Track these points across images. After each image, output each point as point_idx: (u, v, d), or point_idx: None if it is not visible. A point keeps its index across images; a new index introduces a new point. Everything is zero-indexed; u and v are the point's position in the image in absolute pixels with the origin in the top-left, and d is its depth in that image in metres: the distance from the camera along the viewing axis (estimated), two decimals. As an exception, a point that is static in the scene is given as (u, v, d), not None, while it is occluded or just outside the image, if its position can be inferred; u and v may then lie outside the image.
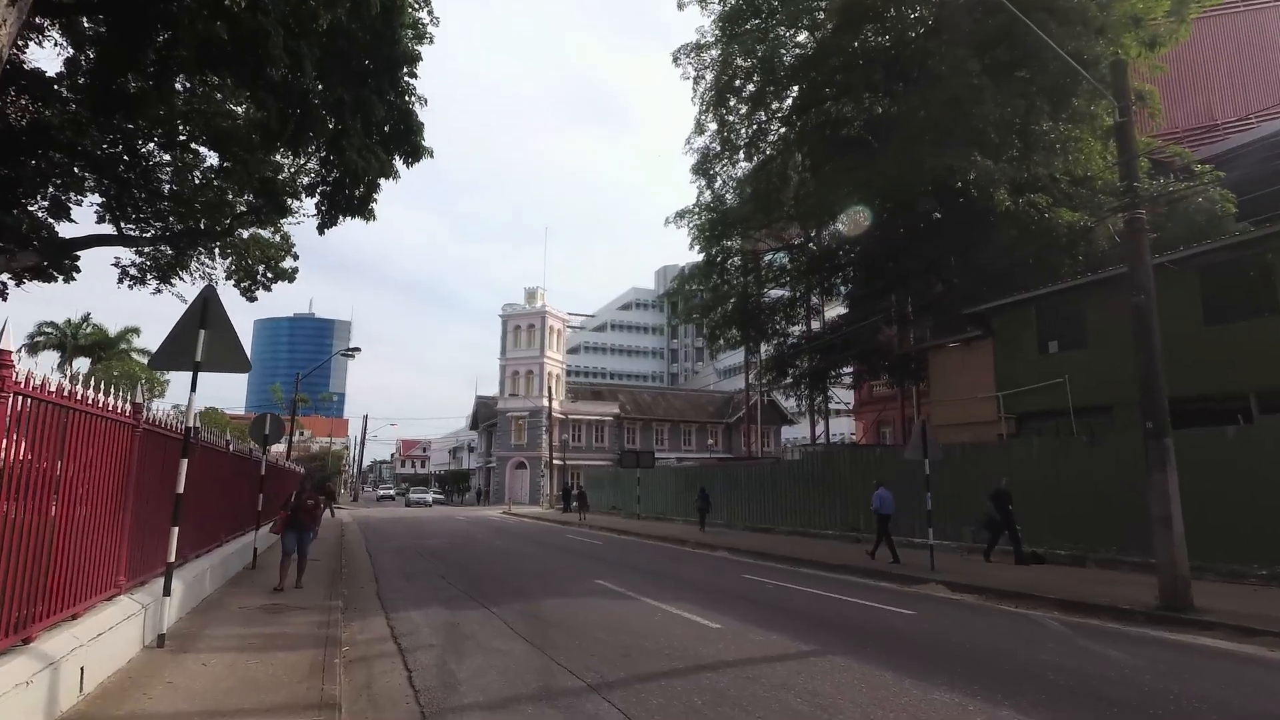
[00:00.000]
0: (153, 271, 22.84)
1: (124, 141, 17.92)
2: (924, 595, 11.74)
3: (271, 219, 22.76)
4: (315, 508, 10.93)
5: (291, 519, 10.62)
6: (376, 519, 34.91)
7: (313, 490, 11.24)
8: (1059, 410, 17.03)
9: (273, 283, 25.00)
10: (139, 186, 19.05)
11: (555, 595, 10.79)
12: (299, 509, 10.65)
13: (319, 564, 14.22)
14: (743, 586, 12.11)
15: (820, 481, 22.77)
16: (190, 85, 17.84)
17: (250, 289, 24.68)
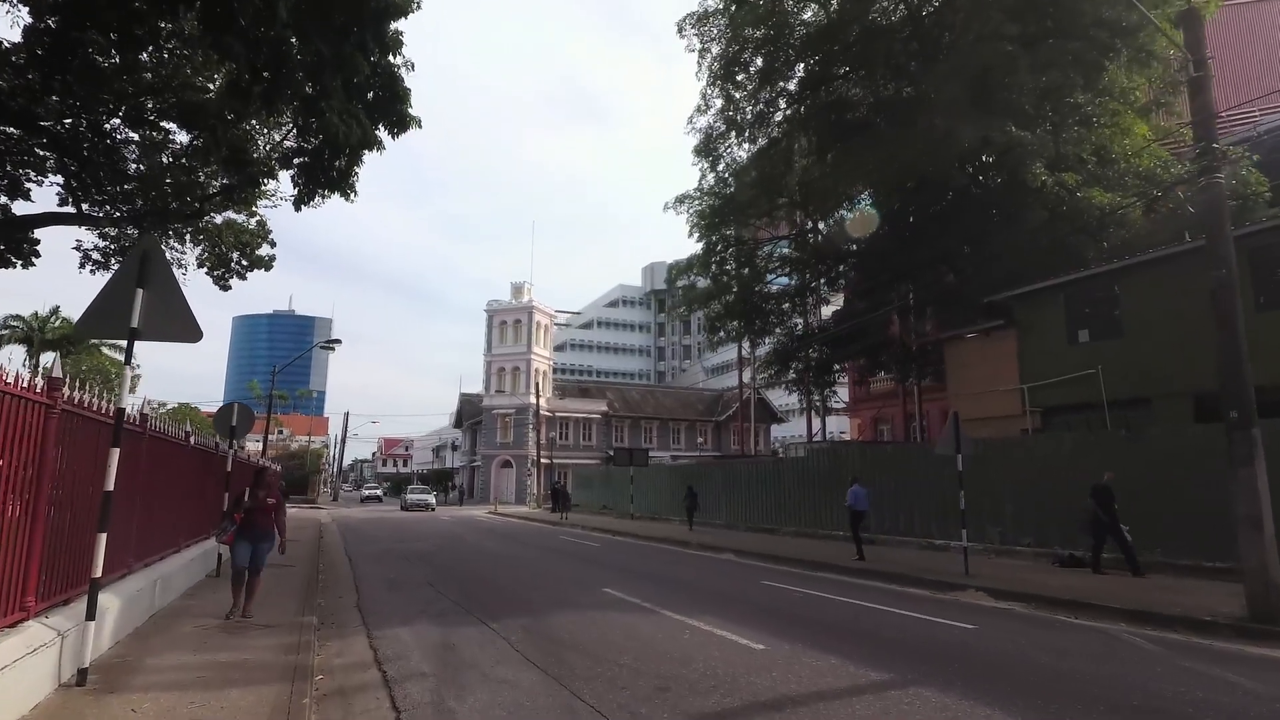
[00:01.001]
0: (117, 255, 21.34)
1: (87, 117, 16.49)
2: (968, 605, 10.60)
3: (244, 199, 21.33)
4: (277, 509, 8.65)
5: (245, 525, 8.33)
6: (357, 519, 33.38)
7: (271, 485, 8.78)
8: (1090, 403, 16.01)
9: (248, 270, 23.61)
10: (103, 166, 17.61)
11: (562, 607, 9.52)
12: (255, 511, 8.40)
13: (293, 570, 12.86)
14: (767, 595, 10.90)
15: (827, 480, 21.63)
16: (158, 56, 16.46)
17: (224, 277, 23.28)
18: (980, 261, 19.68)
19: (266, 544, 8.50)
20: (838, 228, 24.60)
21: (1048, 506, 15.06)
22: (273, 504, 8.59)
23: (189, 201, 20.03)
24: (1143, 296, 15.13)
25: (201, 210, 20.71)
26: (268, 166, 19.78)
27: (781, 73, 21.77)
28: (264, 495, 8.52)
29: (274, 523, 8.59)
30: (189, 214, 20.43)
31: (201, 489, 11.60)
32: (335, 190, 17.25)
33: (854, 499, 15.81)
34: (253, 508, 8.40)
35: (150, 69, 16.82)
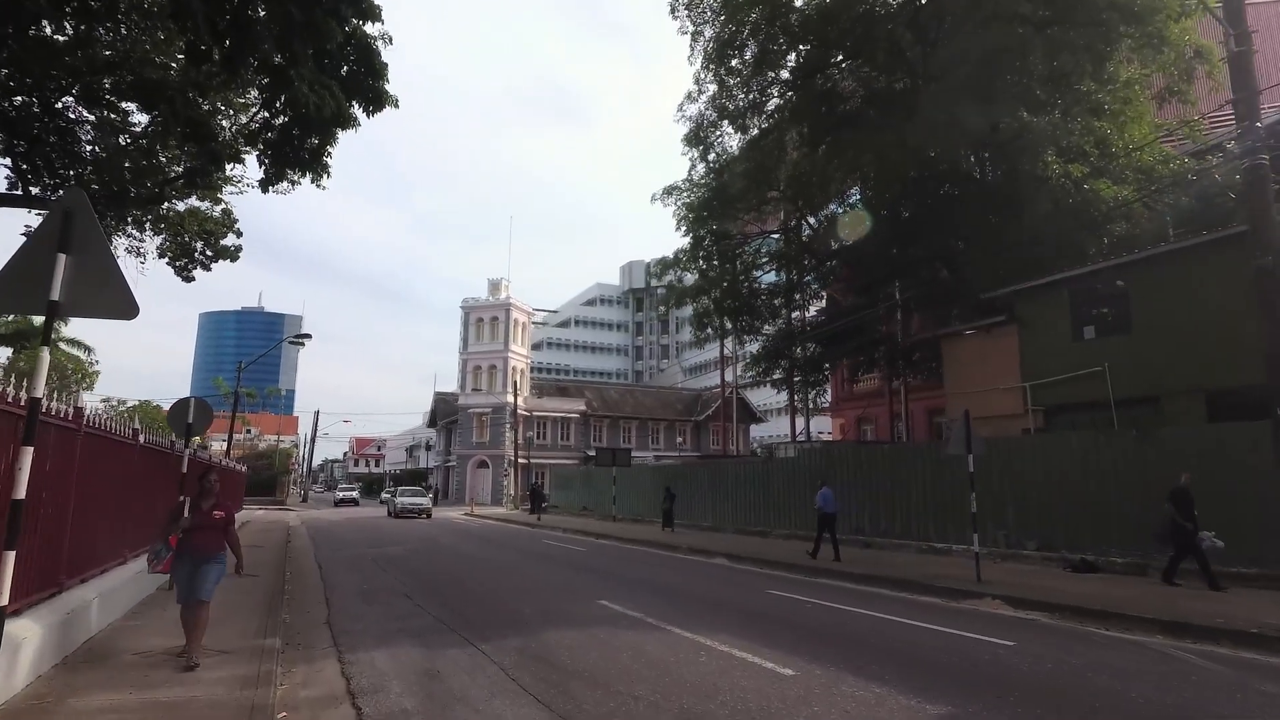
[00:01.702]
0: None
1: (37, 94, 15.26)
2: (989, 615, 9.92)
3: (208, 183, 20.07)
4: (225, 522, 6.68)
5: (184, 547, 6.43)
6: (327, 522, 32.05)
7: (220, 495, 6.79)
8: (1096, 402, 15.49)
9: (213, 261, 22.34)
10: (55, 147, 16.36)
11: (557, 624, 8.62)
12: (199, 529, 6.45)
13: (257, 580, 11.78)
14: (779, 607, 10.10)
15: (818, 482, 20.94)
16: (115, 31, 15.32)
17: (187, 267, 21.97)
18: (977, 258, 19.14)
19: (215, 567, 6.54)
20: (829, 223, 23.98)
21: (1053, 509, 14.51)
22: (221, 518, 6.61)
23: (148, 186, 18.76)
24: (1153, 292, 14.64)
25: (161, 195, 19.43)
26: (233, 149, 18.63)
27: (775, 60, 21.06)
28: (209, 508, 6.56)
29: (224, 542, 6.68)
30: (148, 198, 19.14)
31: (153, 493, 10.50)
32: (306, 172, 16.17)
33: (823, 501, 15.80)
34: (198, 524, 6.44)
35: (108, 44, 15.62)
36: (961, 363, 18.88)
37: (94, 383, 49.35)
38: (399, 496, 38.12)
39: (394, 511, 35.15)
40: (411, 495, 37.52)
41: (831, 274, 25.35)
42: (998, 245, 18.23)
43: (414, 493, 39.96)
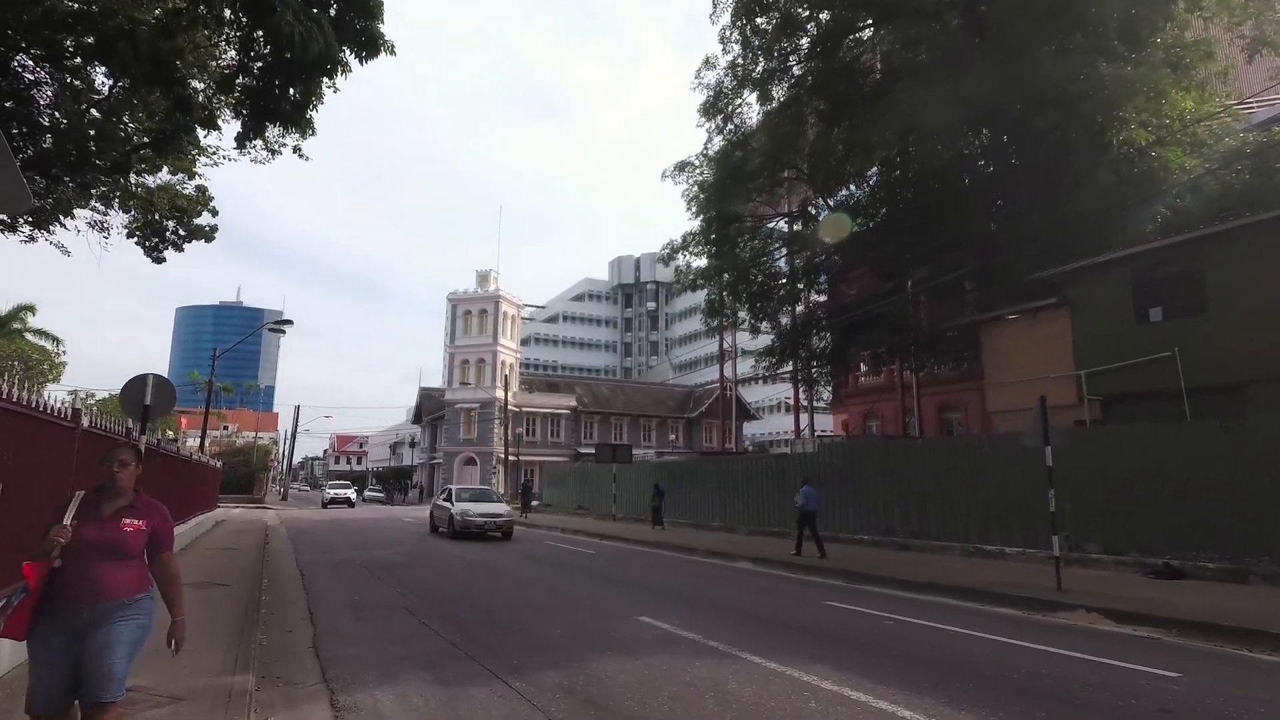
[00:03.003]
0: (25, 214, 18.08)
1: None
2: (1095, 632, 8.48)
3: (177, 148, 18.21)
4: (142, 541, 3.65)
5: (57, 585, 3.39)
6: (309, 522, 30.10)
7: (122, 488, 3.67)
8: (1162, 391, 14.11)
9: (185, 241, 20.54)
10: (12, 114, 14.56)
11: (600, 650, 7.00)
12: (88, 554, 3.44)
13: (228, 591, 10.06)
14: (855, 625, 8.55)
15: (841, 478, 19.51)
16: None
17: (158, 247, 20.17)
18: (1012, 239, 17.74)
19: (125, 626, 3.52)
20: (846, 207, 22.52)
21: (1117, 508, 13.13)
22: (135, 533, 3.58)
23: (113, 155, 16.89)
24: (1234, 268, 13.27)
25: (127, 163, 17.57)
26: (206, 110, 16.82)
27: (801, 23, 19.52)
28: (114, 514, 3.58)
29: (141, 578, 3.67)
30: (112, 167, 17.26)
31: (102, 488, 8.74)
32: (289, 126, 14.37)
33: (805, 499, 15.70)
34: (80, 550, 3.42)
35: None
36: (1003, 350, 17.47)
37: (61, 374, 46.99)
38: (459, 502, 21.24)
39: (458, 527, 20.06)
40: (474, 500, 21.77)
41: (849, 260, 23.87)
42: (1040, 224, 16.83)
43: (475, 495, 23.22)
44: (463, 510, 20.34)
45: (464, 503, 21.06)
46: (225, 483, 42.11)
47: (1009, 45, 14.10)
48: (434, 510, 23.07)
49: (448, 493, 22.56)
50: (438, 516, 22.23)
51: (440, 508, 22.20)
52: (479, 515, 20.23)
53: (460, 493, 22.15)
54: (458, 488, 22.82)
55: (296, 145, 18.15)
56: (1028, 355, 16.72)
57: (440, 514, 21.99)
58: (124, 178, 18.48)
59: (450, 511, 20.57)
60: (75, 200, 18.27)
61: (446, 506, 21.32)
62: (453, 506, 20.72)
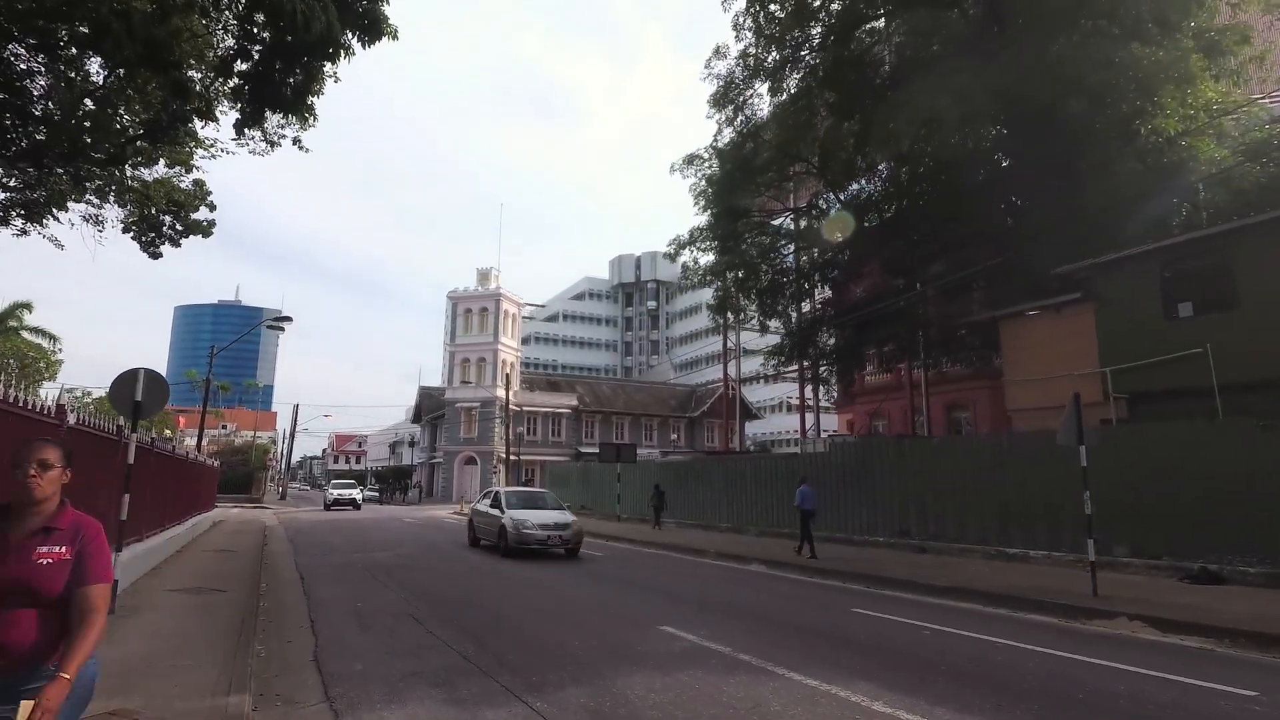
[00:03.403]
0: (17, 208, 17.64)
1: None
2: (1145, 643, 7.99)
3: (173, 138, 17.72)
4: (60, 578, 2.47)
5: None
6: (308, 522, 29.59)
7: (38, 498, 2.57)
8: (1193, 389, 13.63)
9: (183, 236, 20.06)
10: (4, 105, 14.11)
11: (624, 664, 6.50)
12: None
13: (225, 598, 9.56)
14: (892, 636, 8.05)
15: (854, 478, 19.06)
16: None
17: (154, 242, 19.69)
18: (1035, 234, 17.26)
19: None
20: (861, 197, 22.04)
21: (1144, 510, 12.66)
22: (53, 563, 2.48)
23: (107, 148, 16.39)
24: (1269, 261, 12.78)
25: (122, 154, 17.06)
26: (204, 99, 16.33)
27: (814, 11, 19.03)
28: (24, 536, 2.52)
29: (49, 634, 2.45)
30: (106, 158, 16.76)
31: (90, 489, 8.25)
32: (289, 113, 13.93)
33: (802, 499, 15.80)
34: None
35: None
36: (1024, 347, 16.99)
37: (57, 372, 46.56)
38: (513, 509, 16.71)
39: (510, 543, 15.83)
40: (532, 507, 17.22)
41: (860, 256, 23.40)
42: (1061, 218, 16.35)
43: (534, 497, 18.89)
44: (517, 520, 15.81)
45: (518, 510, 16.49)
46: (223, 482, 41.55)
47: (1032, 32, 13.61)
48: (474, 519, 18.45)
49: (493, 496, 18.09)
50: (481, 526, 17.77)
51: (484, 515, 17.57)
52: (539, 527, 15.65)
53: (510, 497, 17.40)
54: (506, 490, 18.26)
55: (296, 137, 17.69)
56: (1050, 352, 16.24)
57: (484, 523, 17.48)
58: (119, 170, 18.00)
59: (500, 521, 16.14)
60: (70, 193, 17.80)
61: (493, 514, 16.91)
62: (503, 515, 16.27)
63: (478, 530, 18.04)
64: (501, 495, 17.49)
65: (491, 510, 17.27)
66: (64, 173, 17.10)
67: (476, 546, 17.83)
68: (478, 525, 18.08)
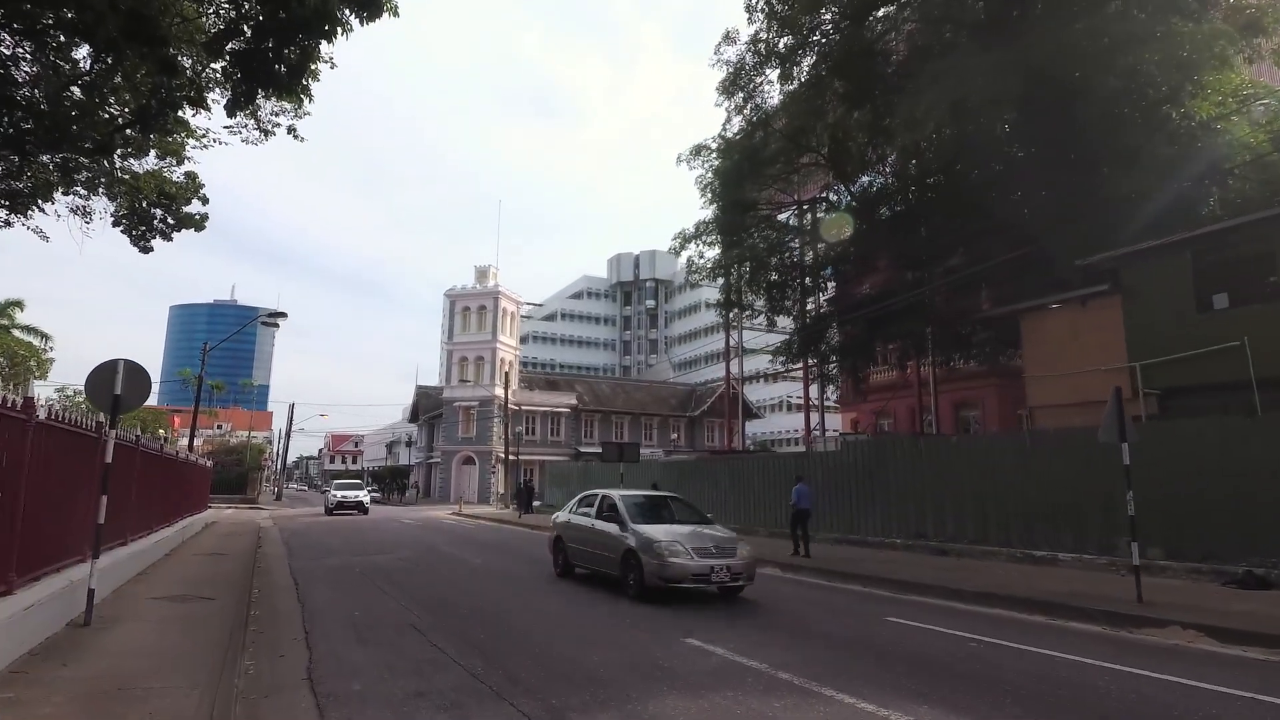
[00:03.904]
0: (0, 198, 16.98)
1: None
2: (1205, 654, 7.44)
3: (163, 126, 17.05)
4: None
5: None
6: (303, 523, 28.91)
7: None
8: (1228, 383, 13.08)
9: (174, 230, 19.42)
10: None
11: (652, 683, 5.88)
12: None
13: (213, 605, 8.92)
14: (932, 646, 7.44)
15: (868, 478, 18.49)
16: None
17: (145, 235, 19.04)
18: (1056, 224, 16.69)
19: None
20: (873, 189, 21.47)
21: (1181, 510, 12.08)
22: None
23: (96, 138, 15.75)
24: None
25: (110, 143, 16.41)
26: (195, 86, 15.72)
27: (825, 1, 18.47)
28: None
29: None
30: (94, 147, 16.11)
31: (65, 490, 7.61)
32: (283, 93, 13.24)
33: (798, 498, 15.57)
34: None
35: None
36: (1046, 341, 16.41)
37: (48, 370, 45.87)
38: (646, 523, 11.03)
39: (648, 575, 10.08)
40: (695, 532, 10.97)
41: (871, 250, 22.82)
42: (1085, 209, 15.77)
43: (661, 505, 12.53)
44: (658, 542, 9.99)
45: (653, 526, 10.67)
46: (217, 482, 40.84)
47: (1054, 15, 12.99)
48: (565, 537, 12.65)
49: (598, 502, 12.17)
50: (581, 548, 12.12)
51: (588, 533, 11.86)
52: (694, 552, 9.87)
53: (631, 505, 11.44)
54: (623, 495, 12.08)
55: (291, 125, 17.12)
56: (1073, 347, 15.67)
57: (588, 544, 11.83)
58: (108, 161, 17.37)
59: (624, 543, 10.54)
60: (58, 184, 17.17)
61: (606, 531, 11.27)
62: (627, 532, 10.60)
63: (573, 553, 12.46)
64: (619, 501, 11.49)
65: (602, 525, 11.51)
66: (51, 163, 16.48)
67: (569, 576, 12.41)
68: (574, 546, 12.40)
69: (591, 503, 12.53)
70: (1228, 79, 14.77)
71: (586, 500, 12.89)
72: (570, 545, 12.56)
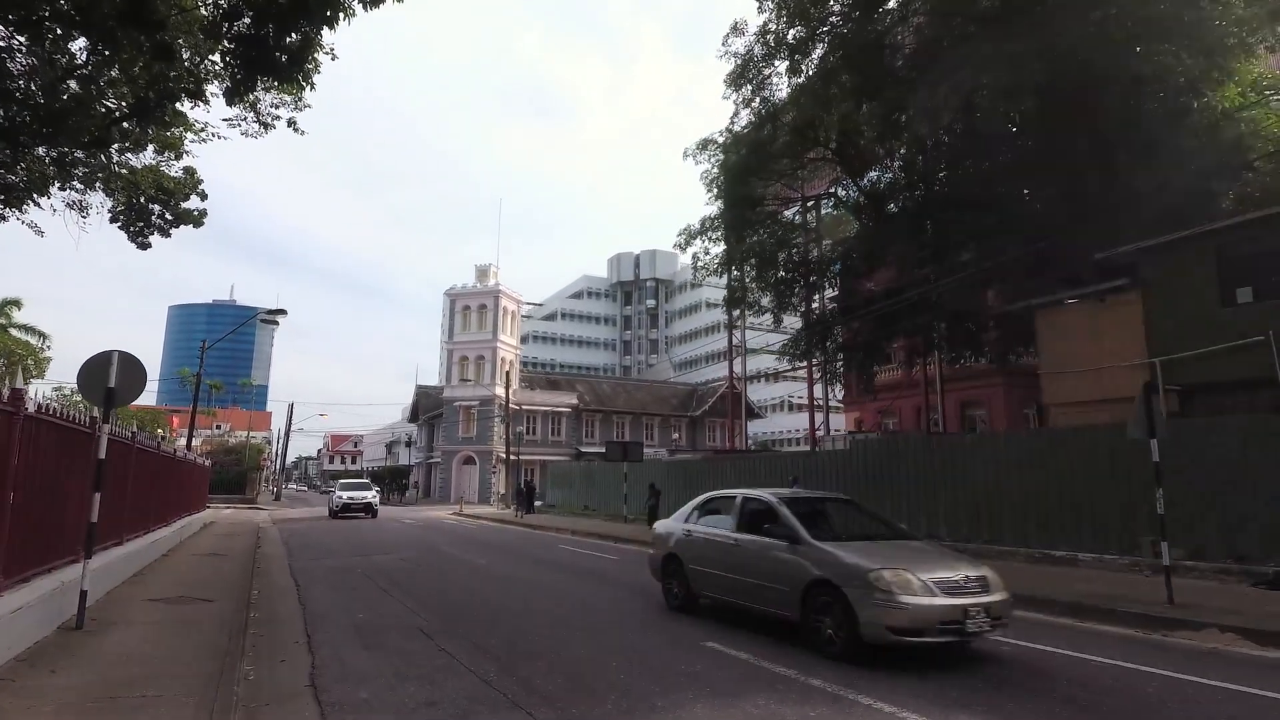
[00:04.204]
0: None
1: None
2: (1250, 658, 7.09)
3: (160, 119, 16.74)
4: None
5: None
6: (303, 523, 28.54)
7: None
8: (1253, 380, 12.79)
9: (172, 226, 19.15)
10: None
11: (674, 691, 5.55)
12: None
13: (210, 608, 8.59)
14: (964, 651, 7.11)
15: (878, 477, 18.15)
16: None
17: (142, 231, 18.76)
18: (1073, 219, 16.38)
19: None
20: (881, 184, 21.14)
21: (1203, 509, 11.77)
22: None
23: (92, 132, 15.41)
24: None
25: (107, 136, 16.08)
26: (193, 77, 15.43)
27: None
28: None
29: None
30: (90, 140, 15.77)
31: (56, 487, 7.27)
32: (283, 81, 12.91)
33: None
34: None
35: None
36: (1063, 338, 16.09)
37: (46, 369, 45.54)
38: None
39: (868, 626, 6.41)
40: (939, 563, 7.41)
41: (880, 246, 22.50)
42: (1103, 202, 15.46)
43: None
44: (881, 570, 6.57)
45: (844, 542, 7.55)
46: (216, 482, 40.48)
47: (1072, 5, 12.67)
48: (688, 550, 9.29)
49: (735, 507, 8.91)
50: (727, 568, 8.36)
51: (729, 550, 8.41)
52: (937, 588, 6.50)
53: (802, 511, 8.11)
54: (783, 496, 8.64)
55: (291, 118, 16.86)
56: (1091, 343, 15.36)
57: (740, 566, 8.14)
58: (105, 155, 17.06)
59: (807, 570, 7.12)
60: (54, 178, 16.86)
61: (765, 549, 7.83)
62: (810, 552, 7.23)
63: (701, 580, 8.86)
64: (780, 507, 8.11)
65: (753, 541, 8.11)
66: (47, 157, 16.17)
67: (690, 610, 9.00)
68: (703, 571, 8.81)
69: (725, 508, 9.01)
70: (1248, 68, 14.45)
71: (713, 505, 9.47)
72: (696, 569, 8.85)
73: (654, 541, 10.31)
